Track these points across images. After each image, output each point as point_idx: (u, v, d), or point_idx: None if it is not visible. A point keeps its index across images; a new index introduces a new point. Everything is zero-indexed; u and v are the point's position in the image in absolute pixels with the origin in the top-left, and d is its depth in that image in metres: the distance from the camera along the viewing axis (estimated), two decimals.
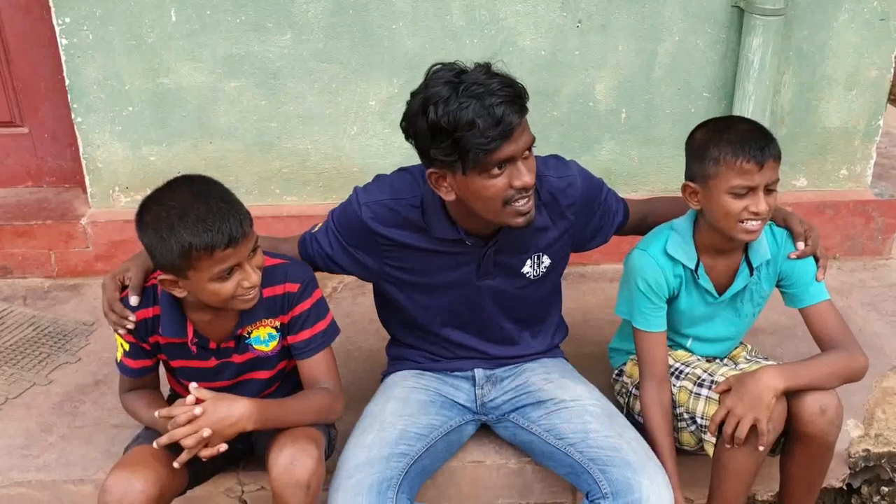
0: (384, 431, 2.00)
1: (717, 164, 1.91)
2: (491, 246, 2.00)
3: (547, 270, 2.09)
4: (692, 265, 2.07)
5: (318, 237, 2.08)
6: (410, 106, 1.81)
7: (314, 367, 1.99)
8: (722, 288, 2.11)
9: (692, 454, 2.11)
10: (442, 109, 1.72)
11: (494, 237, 1.99)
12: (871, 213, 3.15)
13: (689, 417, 2.05)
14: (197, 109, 2.93)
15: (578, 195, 2.03)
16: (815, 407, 1.93)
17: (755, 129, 1.96)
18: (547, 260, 2.08)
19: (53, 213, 3.09)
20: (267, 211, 2.99)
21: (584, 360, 2.45)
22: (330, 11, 2.81)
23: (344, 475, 1.91)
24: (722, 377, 2.03)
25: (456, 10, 2.82)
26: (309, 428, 1.91)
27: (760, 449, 1.92)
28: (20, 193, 3.22)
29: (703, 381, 2.05)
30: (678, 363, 2.13)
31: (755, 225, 1.93)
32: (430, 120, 1.74)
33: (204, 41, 2.83)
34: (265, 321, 1.96)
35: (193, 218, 1.71)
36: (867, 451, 2.31)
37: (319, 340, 1.99)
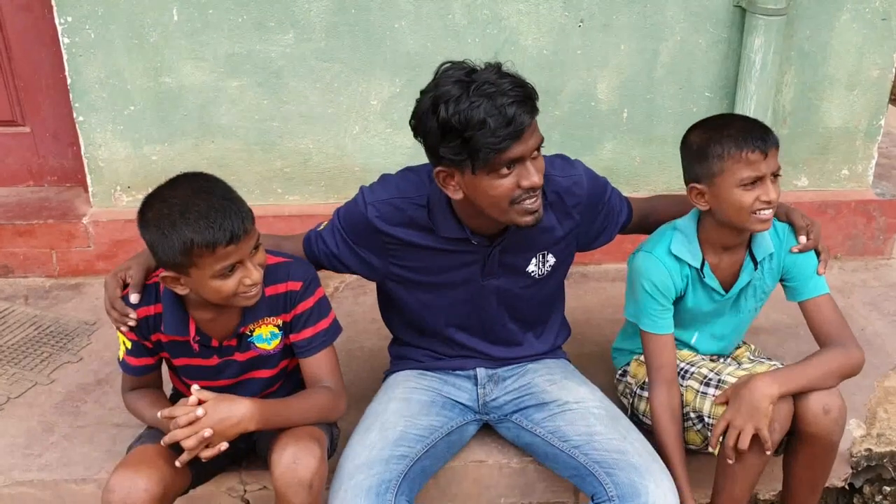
0: (385, 432, 1.99)
1: (722, 160, 1.92)
2: (497, 245, 1.99)
3: (552, 269, 2.09)
4: (697, 264, 2.06)
5: (323, 235, 2.08)
6: (420, 104, 1.80)
7: (316, 365, 1.99)
8: (727, 285, 2.11)
9: (696, 452, 2.11)
10: (453, 108, 1.71)
11: (500, 236, 1.98)
12: (872, 212, 3.15)
13: (695, 417, 2.05)
14: (199, 108, 2.93)
15: (584, 194, 2.02)
16: (818, 407, 1.93)
17: (752, 121, 1.99)
18: (552, 259, 2.07)
19: (55, 212, 3.08)
20: (269, 210, 2.99)
21: (585, 360, 2.45)
22: (332, 10, 2.81)
23: (344, 476, 1.91)
24: (729, 376, 2.03)
25: (458, 9, 2.82)
26: (311, 427, 1.90)
27: (767, 453, 1.93)
28: (21, 193, 3.22)
29: (709, 380, 2.05)
30: (683, 363, 2.13)
31: (768, 214, 1.94)
32: (440, 118, 1.73)
33: (206, 40, 2.83)
34: (267, 319, 1.95)
35: (195, 214, 1.71)
36: (869, 450, 2.31)
37: (321, 339, 1.99)
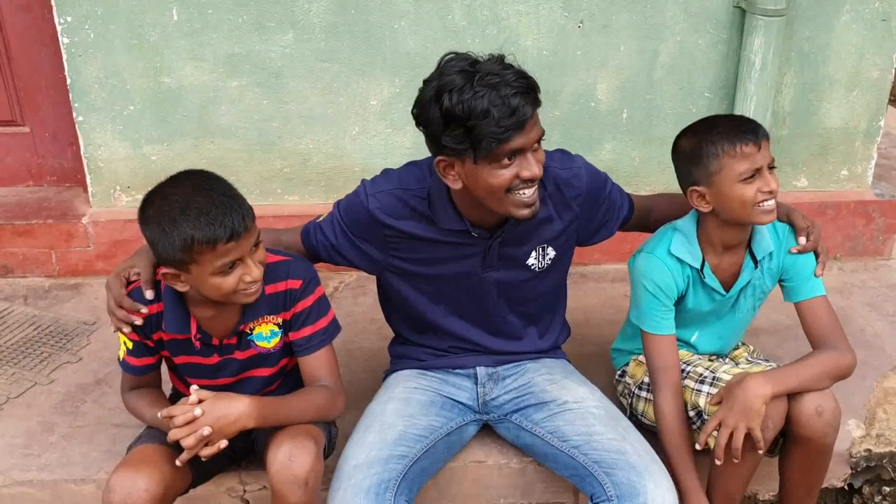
0: (385, 432, 1.99)
1: (718, 158, 1.93)
2: (496, 237, 2.00)
3: (552, 263, 2.09)
4: (697, 265, 2.07)
5: (322, 227, 2.08)
6: (423, 93, 1.81)
7: (315, 364, 1.99)
8: (727, 285, 2.11)
9: (696, 452, 2.10)
10: (457, 97, 1.72)
11: (500, 229, 1.99)
12: (871, 213, 3.16)
13: (694, 414, 2.06)
14: (198, 109, 2.92)
15: (583, 186, 2.03)
16: (811, 408, 1.93)
17: (739, 117, 2.03)
18: (552, 252, 2.08)
19: (54, 212, 3.08)
20: (268, 210, 2.98)
21: (585, 360, 2.45)
22: (331, 11, 2.81)
23: (344, 475, 1.91)
24: (724, 374, 2.04)
25: (457, 9, 2.82)
26: (308, 425, 1.90)
27: (760, 453, 1.93)
28: (21, 193, 3.21)
29: (704, 377, 2.06)
30: (681, 362, 2.13)
31: (771, 204, 1.95)
32: (443, 107, 1.74)
33: (205, 40, 2.83)
34: (267, 318, 1.95)
35: (196, 211, 1.71)
36: (868, 451, 2.31)
37: (321, 337, 1.99)
